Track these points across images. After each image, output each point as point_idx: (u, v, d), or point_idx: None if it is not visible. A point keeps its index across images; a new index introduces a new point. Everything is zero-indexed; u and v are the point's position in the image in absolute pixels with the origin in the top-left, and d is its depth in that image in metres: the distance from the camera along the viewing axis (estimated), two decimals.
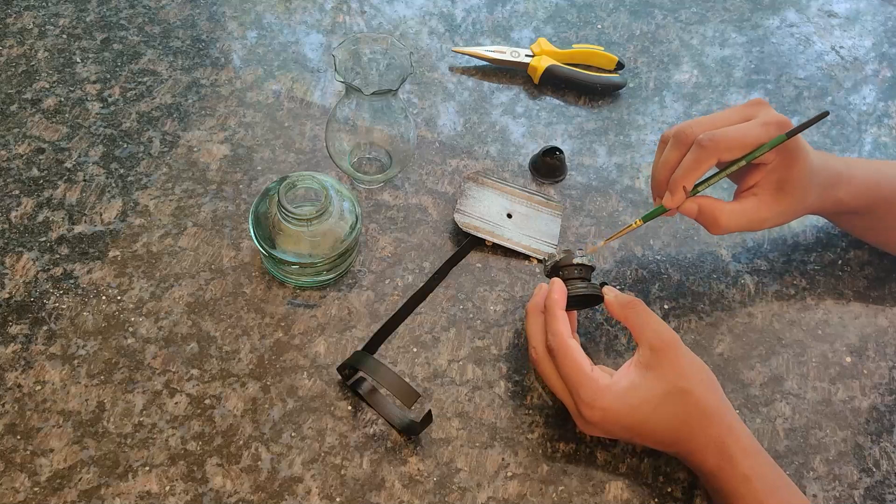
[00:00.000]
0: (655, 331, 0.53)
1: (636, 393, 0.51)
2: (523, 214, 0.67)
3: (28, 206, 0.64)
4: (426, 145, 0.71)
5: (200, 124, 0.70)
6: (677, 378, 0.51)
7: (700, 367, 0.53)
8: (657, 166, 0.57)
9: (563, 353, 0.52)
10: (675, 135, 0.56)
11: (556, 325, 0.53)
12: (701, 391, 0.51)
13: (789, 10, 0.86)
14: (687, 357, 0.53)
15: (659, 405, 0.51)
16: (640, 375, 0.52)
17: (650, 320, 0.53)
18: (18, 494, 0.51)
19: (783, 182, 0.56)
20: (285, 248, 0.57)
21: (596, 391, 0.51)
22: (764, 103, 0.56)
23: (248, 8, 0.80)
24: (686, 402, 0.51)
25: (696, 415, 0.51)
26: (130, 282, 0.61)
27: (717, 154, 0.53)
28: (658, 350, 0.52)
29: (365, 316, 0.61)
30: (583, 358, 0.52)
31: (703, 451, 0.51)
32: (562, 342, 0.53)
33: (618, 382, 0.52)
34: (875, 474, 0.58)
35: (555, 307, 0.54)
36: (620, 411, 0.51)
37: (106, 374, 0.56)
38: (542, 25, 0.81)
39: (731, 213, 0.56)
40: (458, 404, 0.58)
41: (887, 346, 0.64)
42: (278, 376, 0.57)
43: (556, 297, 0.55)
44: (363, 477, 0.54)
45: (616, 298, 0.55)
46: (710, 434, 0.51)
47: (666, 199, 0.56)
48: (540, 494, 0.54)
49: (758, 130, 0.54)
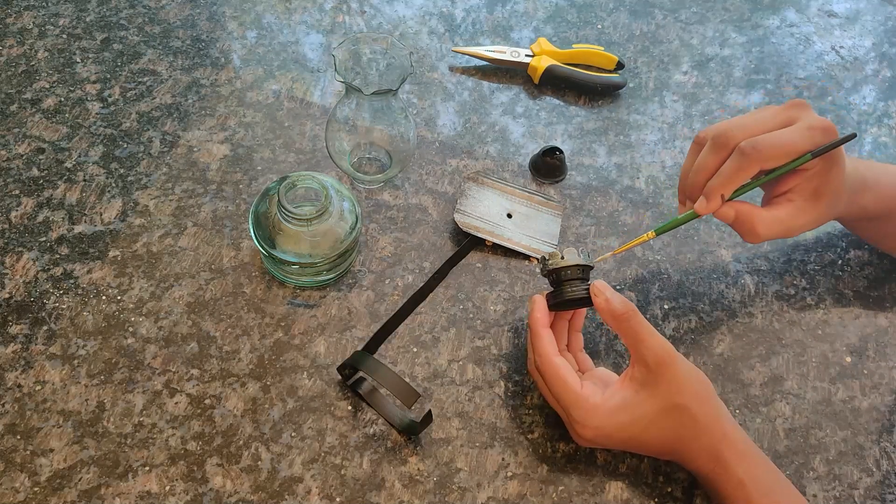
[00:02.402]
0: (649, 347, 0.51)
1: (628, 411, 0.51)
2: (523, 214, 0.67)
3: (28, 206, 0.64)
4: (426, 145, 0.71)
5: (200, 124, 0.70)
6: (672, 395, 0.50)
7: (695, 379, 0.51)
8: (691, 170, 0.55)
9: (551, 374, 0.52)
10: (714, 138, 0.53)
11: (540, 346, 0.53)
12: (696, 405, 0.50)
13: (789, 10, 0.86)
14: (682, 371, 0.51)
15: (652, 422, 0.51)
16: (634, 393, 0.51)
17: (644, 335, 0.51)
18: (18, 494, 0.51)
19: (821, 188, 0.54)
20: (285, 248, 0.57)
21: (587, 411, 0.51)
22: (805, 105, 0.53)
23: (248, 8, 0.80)
24: (680, 417, 0.50)
25: (691, 427, 0.50)
26: (130, 282, 0.61)
27: (761, 162, 0.51)
28: (653, 368, 0.50)
29: (365, 316, 0.61)
30: (571, 376, 0.52)
31: (697, 459, 0.51)
32: (547, 362, 0.52)
33: (609, 399, 0.51)
34: (875, 474, 0.58)
35: (537, 326, 0.54)
36: (612, 429, 0.51)
37: (106, 374, 0.56)
38: (542, 25, 0.81)
39: (769, 221, 0.54)
40: (458, 404, 0.58)
41: (887, 346, 0.64)
42: (278, 376, 0.57)
43: (538, 316, 0.54)
44: (363, 477, 0.54)
45: (608, 306, 0.52)
46: (703, 443, 0.51)
47: (700, 205, 0.54)
48: (540, 494, 0.54)
49: (802, 136, 0.51)
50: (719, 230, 0.68)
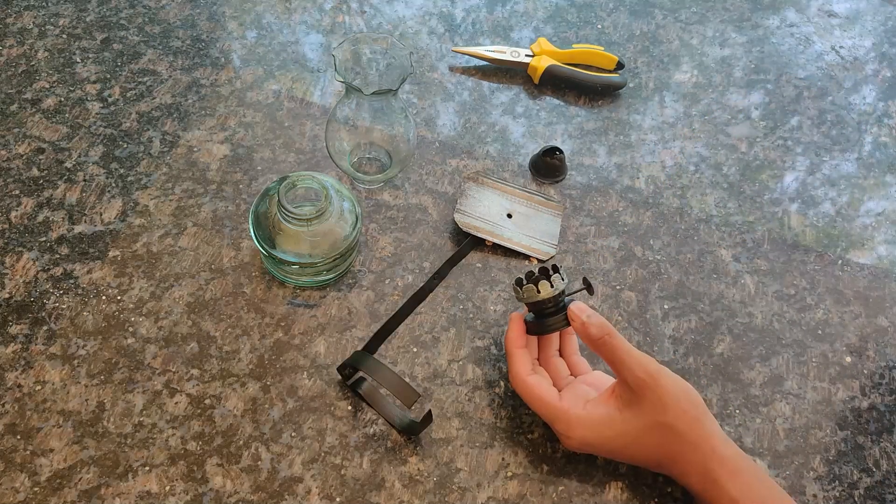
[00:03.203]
0: (629, 368, 0.50)
1: (612, 427, 0.51)
2: (523, 214, 0.67)
3: (28, 206, 0.64)
4: (426, 145, 0.71)
5: (200, 124, 0.70)
6: (657, 414, 0.50)
7: (681, 396, 0.50)
8: None
9: (527, 393, 0.53)
10: None
11: (514, 367, 0.54)
12: (682, 424, 0.50)
13: (789, 10, 0.86)
14: (667, 390, 0.50)
15: (636, 438, 0.51)
16: (617, 410, 0.51)
17: (623, 356, 0.51)
18: (18, 494, 0.51)
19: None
20: (285, 248, 0.57)
21: (568, 423, 0.51)
22: None
23: (248, 8, 0.80)
24: (665, 435, 0.50)
25: (677, 445, 0.50)
26: (130, 282, 0.61)
27: None
28: (635, 390, 0.50)
29: (365, 316, 0.61)
30: (546, 392, 0.52)
31: (688, 476, 0.51)
32: (521, 382, 0.53)
33: (593, 412, 0.51)
34: (875, 474, 0.58)
35: (511, 346, 0.55)
36: (596, 441, 0.51)
37: (106, 374, 0.56)
38: (542, 25, 0.81)
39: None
40: (458, 404, 0.58)
41: (887, 346, 0.64)
42: (278, 376, 0.57)
43: (512, 337, 0.55)
44: (363, 477, 0.54)
45: (585, 330, 0.52)
46: (692, 461, 0.50)
47: None
48: (540, 494, 0.54)
49: None
50: (719, 230, 0.69)
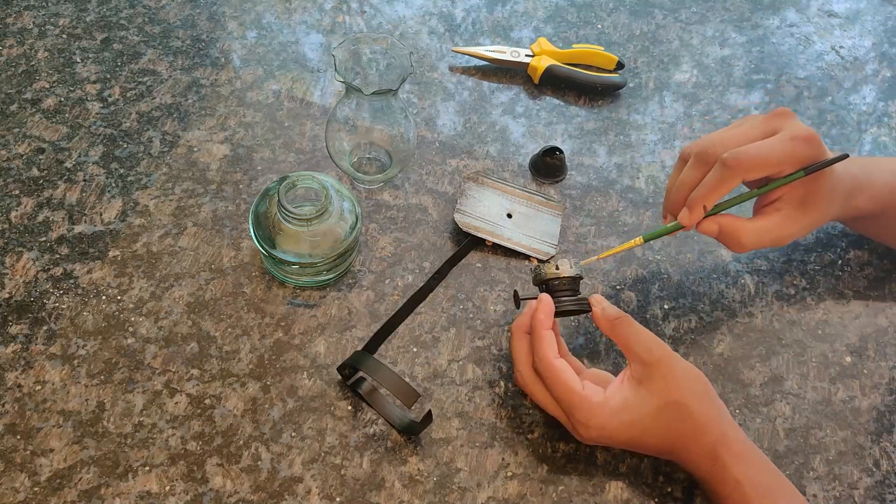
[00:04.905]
0: (645, 346, 0.51)
1: (630, 410, 0.51)
2: (523, 214, 0.67)
3: (28, 206, 0.64)
4: (426, 145, 0.71)
5: (200, 124, 0.70)
6: (670, 392, 0.50)
7: (693, 377, 0.52)
8: (674, 184, 0.55)
9: (552, 376, 0.52)
10: (697, 154, 0.53)
11: (541, 349, 0.53)
12: (694, 403, 0.51)
13: (789, 10, 0.86)
14: (679, 368, 0.52)
15: (653, 420, 0.51)
16: (633, 391, 0.51)
17: (639, 336, 0.52)
18: (18, 494, 0.51)
19: (808, 196, 0.54)
20: (285, 248, 0.57)
21: (590, 411, 0.51)
22: (789, 114, 0.53)
23: (247, 8, 0.80)
24: (680, 415, 0.51)
25: (690, 426, 0.51)
26: (130, 282, 0.61)
27: (742, 174, 0.51)
28: (649, 365, 0.51)
29: (365, 316, 0.61)
30: (572, 378, 0.52)
31: (696, 459, 0.51)
32: (549, 365, 0.52)
33: (611, 399, 0.51)
34: (875, 474, 0.58)
35: (540, 328, 0.53)
36: (616, 428, 0.51)
37: (106, 374, 0.56)
38: (542, 25, 0.81)
39: (754, 232, 0.54)
40: (458, 404, 0.58)
41: (887, 346, 0.64)
42: (278, 376, 0.57)
43: (542, 318, 0.53)
44: (363, 477, 0.54)
45: (603, 313, 0.54)
46: (702, 443, 0.51)
47: (682, 216, 0.54)
48: (540, 494, 0.54)
49: (784, 147, 0.51)
50: None
